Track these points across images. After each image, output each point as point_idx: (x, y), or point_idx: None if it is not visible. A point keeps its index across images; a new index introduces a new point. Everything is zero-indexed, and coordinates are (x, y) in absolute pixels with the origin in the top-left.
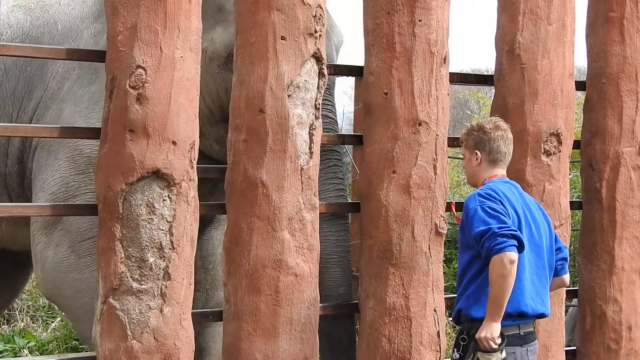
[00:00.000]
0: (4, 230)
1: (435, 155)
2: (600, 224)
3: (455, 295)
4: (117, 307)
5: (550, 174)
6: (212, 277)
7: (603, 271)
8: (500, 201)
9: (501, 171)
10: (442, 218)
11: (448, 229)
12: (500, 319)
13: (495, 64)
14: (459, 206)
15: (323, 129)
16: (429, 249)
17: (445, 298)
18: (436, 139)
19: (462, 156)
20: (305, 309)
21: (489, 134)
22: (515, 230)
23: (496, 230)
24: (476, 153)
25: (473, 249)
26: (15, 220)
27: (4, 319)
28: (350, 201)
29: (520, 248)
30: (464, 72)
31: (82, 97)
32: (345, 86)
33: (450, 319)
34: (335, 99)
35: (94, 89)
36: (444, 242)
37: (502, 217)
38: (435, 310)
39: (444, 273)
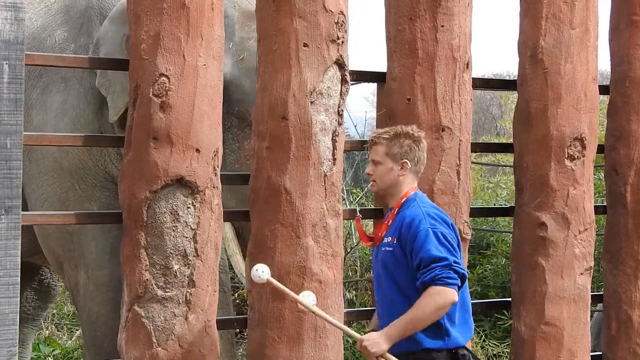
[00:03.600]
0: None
1: (459, 160)
2: (625, 229)
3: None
4: (142, 314)
5: (574, 178)
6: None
7: (628, 276)
8: (448, 225)
9: (417, 182)
10: (466, 224)
11: (472, 234)
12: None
13: (518, 68)
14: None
15: None
16: None
17: (470, 304)
18: (459, 144)
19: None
20: (330, 315)
21: (418, 143)
22: (465, 271)
23: (452, 264)
24: (404, 163)
25: (411, 272)
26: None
27: None
28: (373, 207)
29: (461, 286)
30: (485, 77)
31: (51, 105)
32: (366, 92)
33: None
34: (356, 105)
35: (62, 98)
36: (468, 248)
37: (452, 248)
38: None
39: (468, 279)
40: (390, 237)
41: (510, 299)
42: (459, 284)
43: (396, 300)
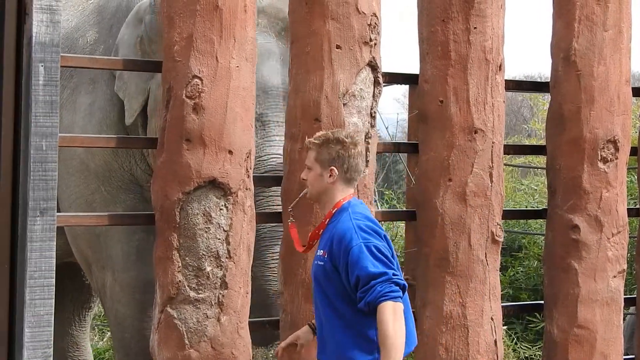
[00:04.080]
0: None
1: (492, 162)
2: None
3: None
4: (175, 316)
5: (607, 180)
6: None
7: None
8: (381, 237)
9: (352, 190)
10: (498, 226)
11: (504, 237)
12: None
13: (550, 70)
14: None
15: None
16: (486, 257)
17: (502, 306)
18: (492, 146)
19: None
20: None
21: (348, 149)
22: (404, 281)
23: (392, 278)
24: (332, 170)
25: (342, 287)
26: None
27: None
28: (405, 209)
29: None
30: (516, 78)
31: (80, 106)
32: (397, 93)
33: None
34: (387, 107)
35: (90, 100)
36: (500, 250)
37: (388, 260)
38: (492, 319)
39: (500, 281)
40: (321, 251)
41: (542, 302)
42: (402, 295)
43: (329, 316)
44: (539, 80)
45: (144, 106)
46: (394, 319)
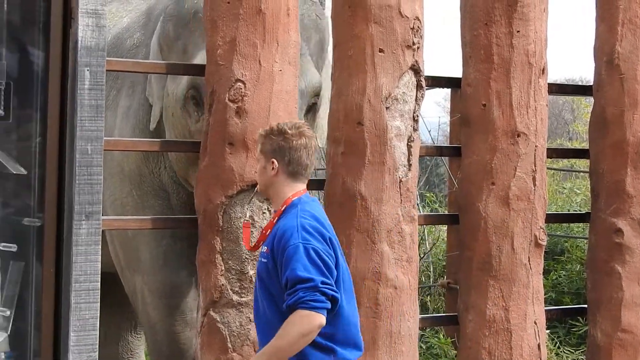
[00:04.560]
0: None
1: (535, 166)
2: None
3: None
4: (218, 319)
5: None
6: None
7: None
8: (325, 239)
9: (303, 186)
10: (541, 230)
11: (547, 240)
12: None
13: (593, 74)
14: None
15: None
16: (529, 260)
17: (545, 310)
18: (535, 150)
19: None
20: (405, 321)
21: (290, 141)
22: (336, 292)
23: (319, 286)
24: (273, 162)
25: (279, 282)
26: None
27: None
28: (448, 213)
29: (332, 308)
30: (558, 82)
31: (119, 109)
32: (438, 97)
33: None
34: (428, 110)
35: (128, 103)
36: (542, 254)
37: (324, 267)
38: (535, 323)
39: (543, 285)
40: (265, 248)
41: (585, 306)
42: (328, 307)
43: (272, 318)
44: (580, 83)
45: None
46: (299, 330)
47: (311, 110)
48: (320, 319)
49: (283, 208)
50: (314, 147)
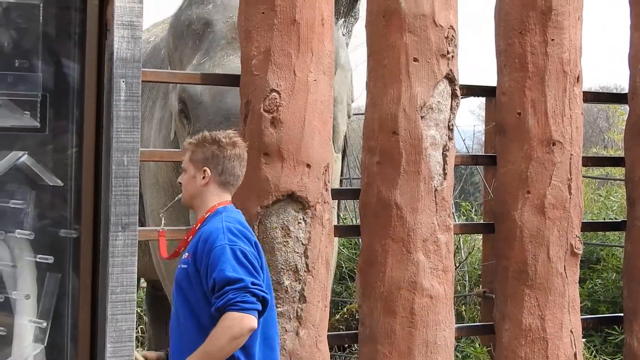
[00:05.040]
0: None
1: (570, 174)
2: None
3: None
4: None
5: None
6: None
7: None
8: (251, 243)
9: (229, 197)
10: (577, 238)
11: (583, 249)
12: None
13: (628, 82)
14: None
15: None
16: (565, 269)
17: (581, 319)
18: (570, 158)
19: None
20: (441, 331)
21: (224, 150)
22: (266, 293)
23: (250, 287)
24: (205, 170)
25: (204, 293)
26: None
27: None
28: (483, 222)
29: (262, 312)
30: (592, 89)
31: (153, 119)
32: (472, 105)
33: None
34: (463, 119)
35: (161, 115)
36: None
37: (252, 268)
38: (571, 332)
39: (579, 293)
40: (186, 254)
41: (621, 314)
42: (259, 309)
43: (189, 328)
44: (615, 91)
45: None
46: (229, 333)
47: None
48: (251, 321)
49: (207, 215)
50: (246, 159)
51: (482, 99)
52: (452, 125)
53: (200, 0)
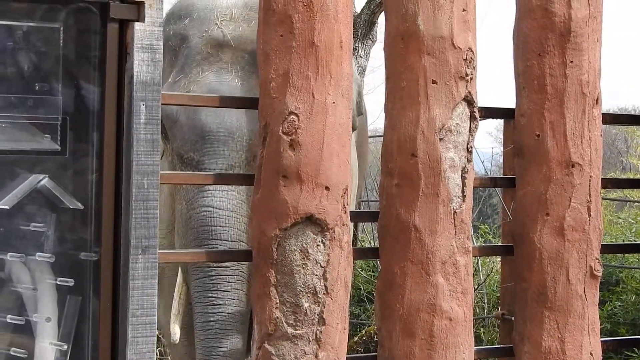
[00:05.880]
0: None
1: (589, 196)
2: None
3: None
4: (273, 352)
5: None
6: None
7: None
8: None
9: None
10: (597, 260)
11: (602, 271)
12: None
13: None
14: None
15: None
16: (584, 291)
17: (601, 341)
18: (590, 180)
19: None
20: (460, 353)
21: None
22: None
23: None
24: None
25: None
26: None
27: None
28: (502, 244)
29: None
30: (610, 111)
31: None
32: (490, 127)
33: None
34: (481, 141)
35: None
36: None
37: None
38: (591, 354)
39: (599, 316)
40: None
41: None
42: None
43: None
44: (633, 112)
45: None
46: None
47: None
48: None
49: None
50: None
51: (500, 121)
52: (471, 147)
53: (178, 16)
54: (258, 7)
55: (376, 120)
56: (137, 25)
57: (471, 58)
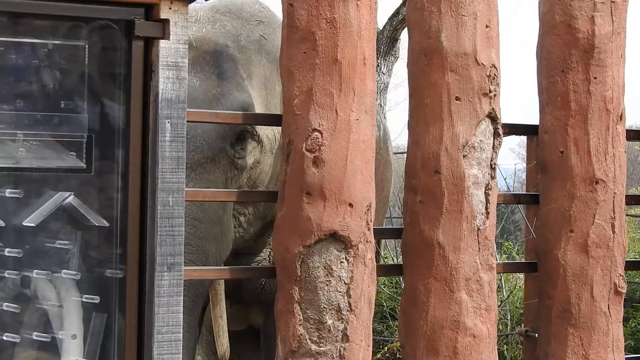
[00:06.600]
0: None
1: (613, 213)
2: None
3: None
4: None
5: None
6: None
7: None
8: None
9: None
10: (621, 277)
11: (626, 287)
12: None
13: None
14: None
15: None
16: (609, 308)
17: (625, 358)
18: (614, 197)
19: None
20: None
21: None
22: None
23: None
24: None
25: None
26: None
27: None
28: (525, 261)
29: None
30: (633, 127)
31: None
32: (512, 144)
33: None
34: (504, 157)
35: None
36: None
37: None
38: None
39: (623, 332)
40: None
41: None
42: None
43: None
44: None
45: None
46: None
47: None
48: None
49: None
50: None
51: (523, 138)
52: (495, 164)
53: None
54: (275, 21)
55: (398, 137)
56: (162, 43)
57: (494, 74)
